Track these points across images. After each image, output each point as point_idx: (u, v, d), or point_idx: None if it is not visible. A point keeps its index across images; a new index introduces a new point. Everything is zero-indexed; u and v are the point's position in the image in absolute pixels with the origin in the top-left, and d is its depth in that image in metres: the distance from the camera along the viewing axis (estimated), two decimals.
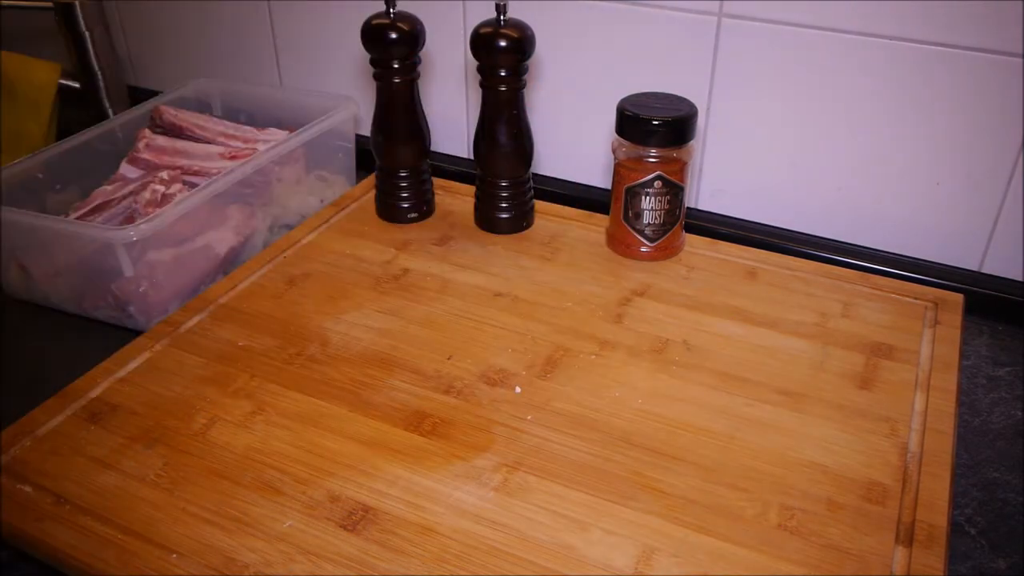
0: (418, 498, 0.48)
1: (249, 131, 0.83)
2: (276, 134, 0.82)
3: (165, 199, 0.71)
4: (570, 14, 0.75)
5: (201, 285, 0.70)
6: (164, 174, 0.72)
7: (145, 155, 0.78)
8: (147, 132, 0.80)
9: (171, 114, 0.82)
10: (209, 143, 0.80)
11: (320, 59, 0.90)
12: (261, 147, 0.79)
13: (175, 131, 0.82)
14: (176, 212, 0.66)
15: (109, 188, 0.74)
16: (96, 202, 0.71)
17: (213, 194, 0.69)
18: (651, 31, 0.73)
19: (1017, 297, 0.67)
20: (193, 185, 0.74)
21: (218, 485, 0.49)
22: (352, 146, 0.85)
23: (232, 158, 0.78)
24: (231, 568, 0.44)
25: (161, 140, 0.79)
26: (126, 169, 0.78)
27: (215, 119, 0.84)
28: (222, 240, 0.71)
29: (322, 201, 0.81)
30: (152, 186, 0.71)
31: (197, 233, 0.70)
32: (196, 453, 0.51)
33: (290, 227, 0.77)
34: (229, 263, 0.73)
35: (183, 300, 0.68)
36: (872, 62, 0.66)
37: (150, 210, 0.69)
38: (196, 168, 0.77)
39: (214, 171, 0.76)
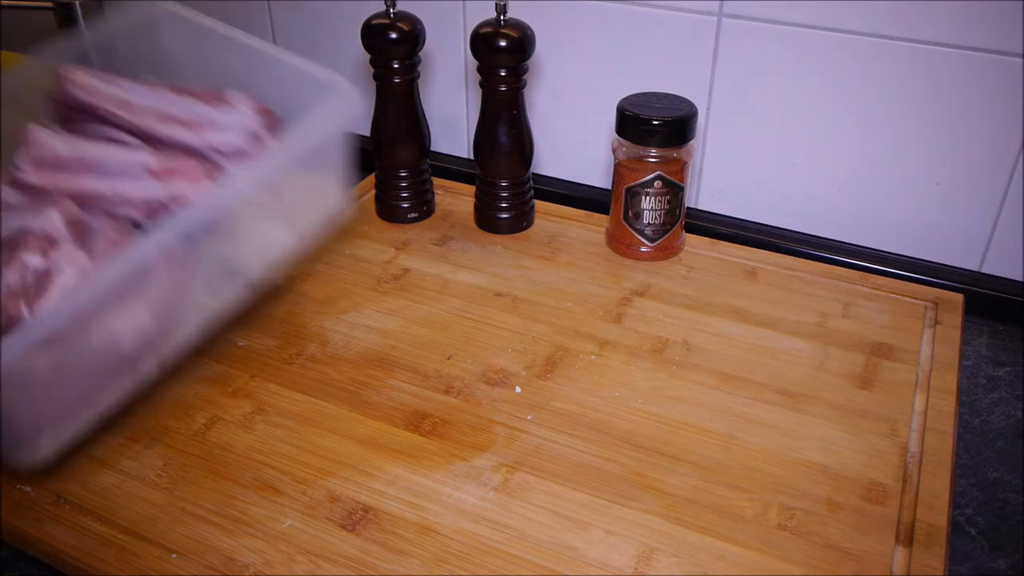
0: (418, 498, 0.48)
1: (201, 109, 0.52)
2: (239, 108, 0.53)
3: (42, 282, 0.42)
4: (570, 14, 0.75)
5: (91, 396, 0.45)
6: (49, 221, 0.44)
7: (33, 176, 0.48)
8: (37, 131, 0.49)
9: (81, 89, 0.50)
10: (131, 140, 0.51)
11: (320, 59, 0.90)
12: (214, 138, 0.50)
13: (84, 117, 0.51)
14: (49, 324, 0.40)
15: None
16: None
17: (126, 274, 0.42)
18: (651, 31, 0.72)
19: (1017, 297, 0.67)
20: (102, 231, 0.46)
21: (218, 485, 0.49)
22: (347, 152, 0.59)
23: (165, 176, 0.47)
24: (231, 568, 0.44)
25: (59, 146, 0.48)
26: (6, 193, 0.48)
27: (150, 83, 0.53)
28: (131, 325, 0.44)
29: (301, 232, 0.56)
30: (23, 256, 0.42)
31: (89, 328, 0.43)
32: (196, 453, 0.51)
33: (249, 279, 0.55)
34: (139, 358, 0.46)
35: (54, 425, 0.45)
36: (872, 62, 0.66)
37: (13, 307, 0.42)
38: (108, 195, 0.48)
39: (136, 201, 0.47)
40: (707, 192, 0.78)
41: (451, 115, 0.86)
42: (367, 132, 0.73)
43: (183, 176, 0.48)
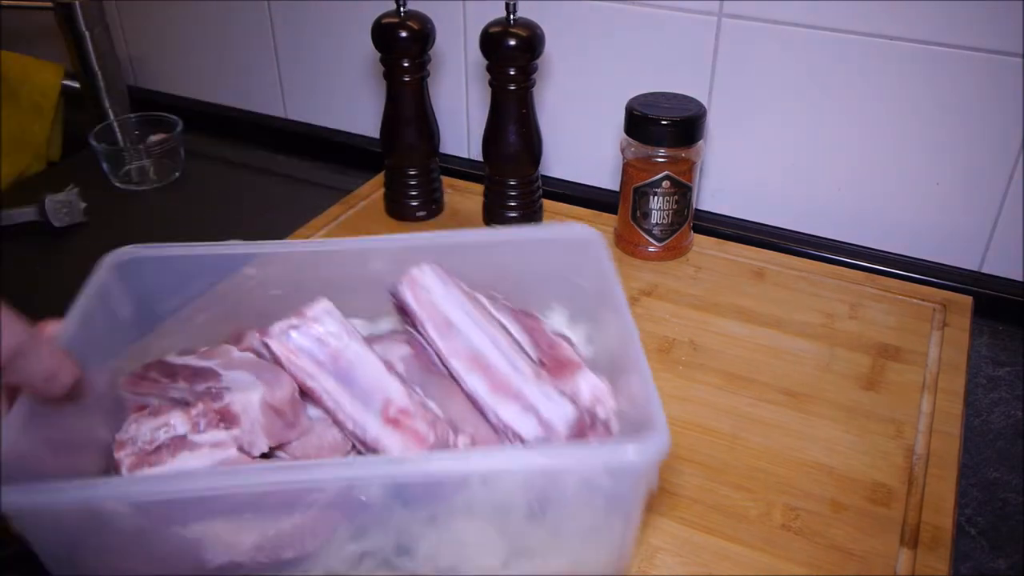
0: None
1: (527, 374, 0.42)
2: (577, 397, 0.42)
3: (167, 450, 0.37)
4: (578, 14, 0.75)
5: None
6: (243, 398, 0.39)
7: (278, 346, 0.41)
8: (322, 306, 0.42)
9: (411, 288, 0.44)
10: (429, 361, 0.44)
11: (323, 58, 0.90)
12: (510, 417, 0.40)
13: (402, 316, 0.45)
14: (129, 492, 0.34)
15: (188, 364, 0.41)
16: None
17: (255, 494, 0.34)
18: (651, 31, 0.72)
19: (1017, 297, 0.67)
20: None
21: None
22: (639, 509, 0.40)
23: (390, 424, 0.39)
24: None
25: (326, 329, 0.41)
26: (255, 341, 0.43)
27: (500, 311, 0.46)
28: (224, 540, 0.35)
29: None
30: (172, 415, 0.38)
31: (181, 522, 0.35)
32: None
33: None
34: None
35: None
36: (872, 62, 0.66)
37: (118, 455, 0.38)
38: (329, 405, 0.40)
39: (346, 428, 0.40)
40: (707, 192, 0.78)
41: (451, 115, 0.86)
42: (376, 131, 0.73)
43: (406, 436, 0.38)
